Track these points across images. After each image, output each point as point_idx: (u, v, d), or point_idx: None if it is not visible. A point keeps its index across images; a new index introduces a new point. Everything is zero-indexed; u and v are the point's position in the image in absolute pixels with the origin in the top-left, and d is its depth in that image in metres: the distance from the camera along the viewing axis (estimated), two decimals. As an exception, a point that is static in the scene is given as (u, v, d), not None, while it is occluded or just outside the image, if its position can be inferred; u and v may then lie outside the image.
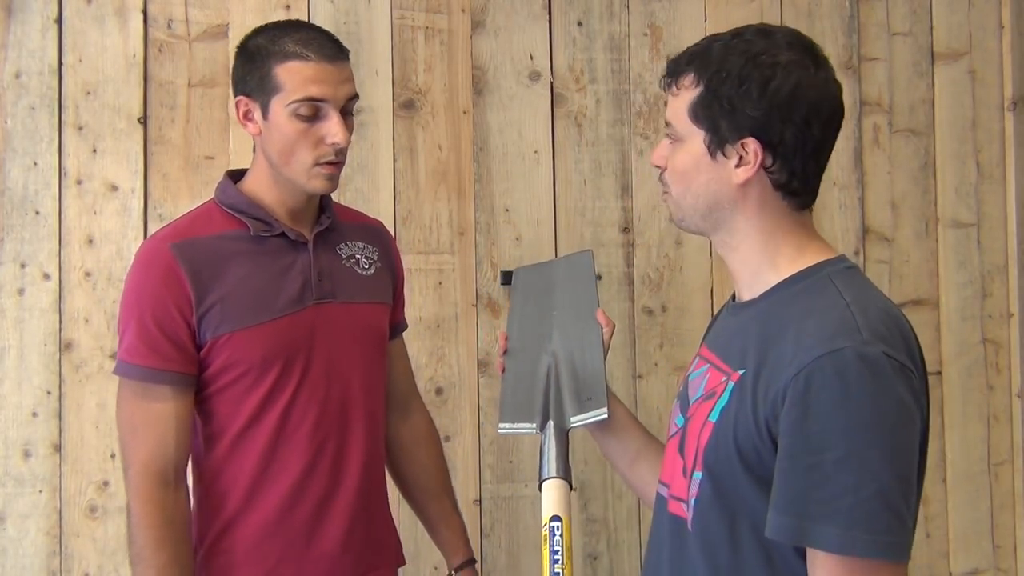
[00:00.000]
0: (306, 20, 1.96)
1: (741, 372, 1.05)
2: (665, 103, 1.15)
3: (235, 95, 1.41)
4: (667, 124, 1.13)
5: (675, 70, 1.11)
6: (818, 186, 1.11)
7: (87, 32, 1.88)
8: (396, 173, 2.01)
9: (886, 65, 2.25)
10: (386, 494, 1.54)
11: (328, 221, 1.47)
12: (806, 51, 1.07)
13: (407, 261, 1.93)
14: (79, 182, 1.87)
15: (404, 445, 1.64)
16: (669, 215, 1.19)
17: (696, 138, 1.09)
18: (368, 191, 1.97)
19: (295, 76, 1.33)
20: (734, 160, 1.07)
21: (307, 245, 1.43)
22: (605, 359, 1.33)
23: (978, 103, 2.29)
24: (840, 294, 1.03)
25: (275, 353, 1.36)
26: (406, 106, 2.02)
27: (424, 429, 1.67)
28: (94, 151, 1.87)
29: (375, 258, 1.53)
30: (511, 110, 2.07)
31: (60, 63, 1.87)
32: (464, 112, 2.05)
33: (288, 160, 1.37)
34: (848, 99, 2.19)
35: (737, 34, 1.09)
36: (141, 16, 1.90)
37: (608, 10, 2.12)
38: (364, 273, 1.50)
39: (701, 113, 1.07)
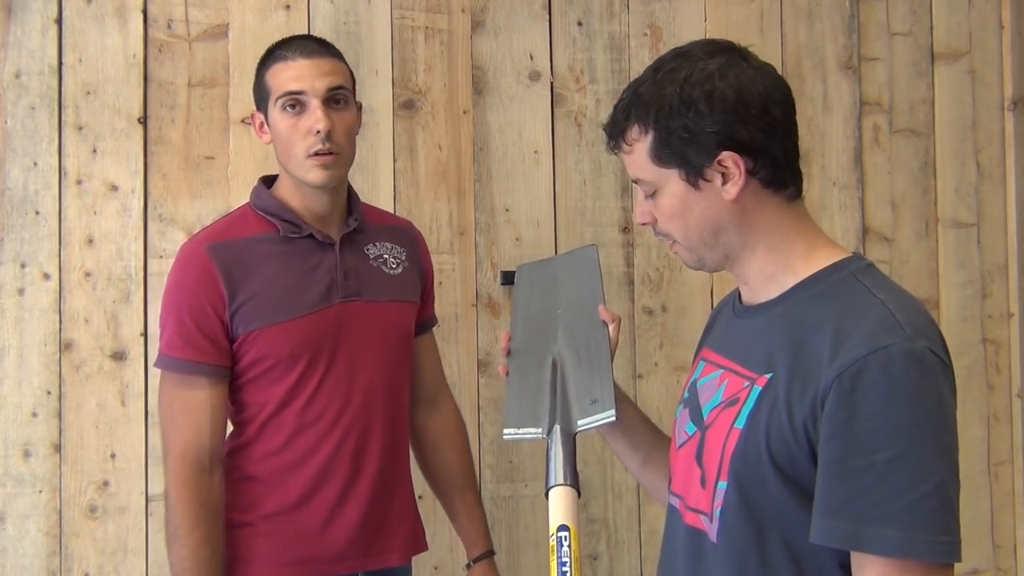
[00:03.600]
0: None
1: (768, 376, 1.02)
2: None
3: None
4: (636, 181, 1.11)
5: (615, 130, 1.09)
6: (800, 170, 1.10)
7: (87, 32, 1.88)
8: (396, 173, 2.01)
9: (886, 65, 2.25)
10: (409, 484, 1.60)
11: (355, 223, 1.54)
12: (728, 51, 1.07)
13: (407, 261, 1.93)
14: (79, 182, 1.86)
15: (431, 439, 1.69)
16: (684, 264, 1.16)
17: (671, 179, 1.07)
18: (368, 191, 1.97)
19: (277, 77, 1.45)
20: (718, 180, 1.05)
21: (334, 246, 1.50)
22: (612, 357, 1.29)
23: (978, 103, 2.29)
24: (872, 292, 1.01)
25: (302, 348, 1.45)
26: (406, 106, 2.02)
27: (451, 423, 1.72)
28: (94, 151, 1.87)
29: (403, 258, 1.59)
30: (511, 110, 2.07)
31: (60, 63, 1.87)
32: (464, 112, 2.05)
33: (288, 158, 1.46)
34: (848, 99, 2.22)
35: (656, 69, 1.08)
36: (141, 16, 1.90)
37: (608, 10, 2.12)
38: (391, 273, 1.56)
39: (664, 154, 1.06)
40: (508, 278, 2.02)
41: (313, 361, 1.46)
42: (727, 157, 1.04)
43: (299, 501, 1.46)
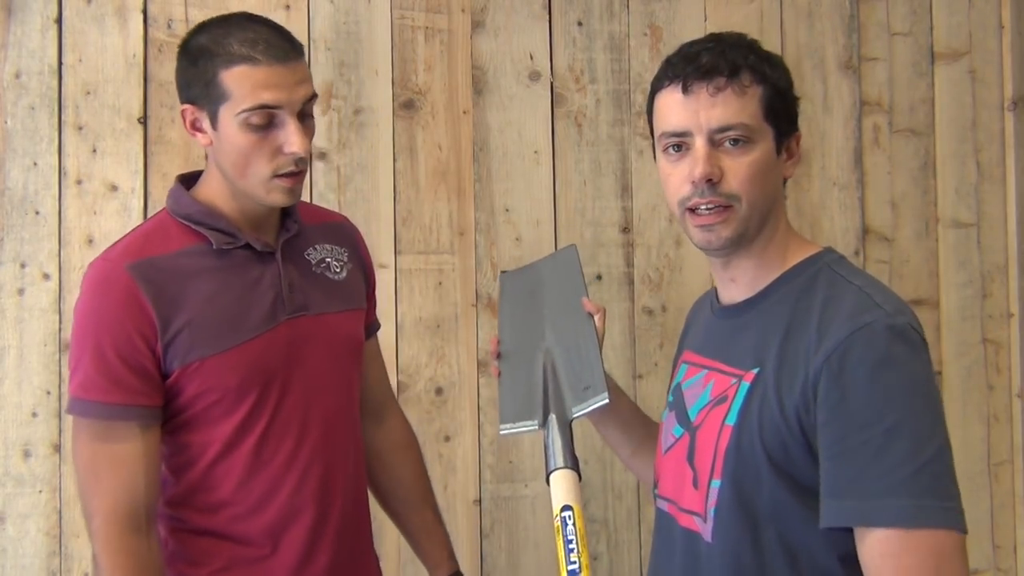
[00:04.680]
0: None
1: (755, 371, 1.03)
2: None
3: (180, 102, 1.28)
4: (727, 129, 1.03)
5: (732, 69, 1.04)
6: None
7: (87, 32, 1.88)
8: (396, 173, 2.01)
9: (886, 65, 2.25)
10: (369, 515, 1.46)
11: (295, 227, 1.35)
12: None
13: (407, 261, 1.93)
14: (79, 182, 1.87)
15: (379, 453, 1.53)
16: (709, 242, 1.07)
17: (767, 137, 1.05)
18: (368, 191, 1.97)
19: (243, 82, 1.19)
20: (784, 155, 1.09)
21: (275, 255, 1.31)
22: (601, 346, 1.30)
23: (978, 103, 2.29)
24: (847, 280, 1.04)
25: (252, 378, 1.26)
26: (406, 106, 2.02)
27: (400, 435, 1.57)
28: (94, 151, 1.87)
29: (345, 259, 1.42)
30: (511, 110, 2.07)
31: (60, 63, 1.87)
32: (464, 112, 2.05)
33: (243, 173, 1.24)
34: (848, 99, 2.22)
35: (721, 36, 1.09)
36: (141, 16, 1.90)
37: (608, 10, 2.12)
38: (336, 278, 1.39)
39: (773, 110, 1.05)
40: (508, 278, 2.02)
41: (265, 391, 1.26)
42: (797, 136, 1.10)
43: (263, 554, 1.27)
